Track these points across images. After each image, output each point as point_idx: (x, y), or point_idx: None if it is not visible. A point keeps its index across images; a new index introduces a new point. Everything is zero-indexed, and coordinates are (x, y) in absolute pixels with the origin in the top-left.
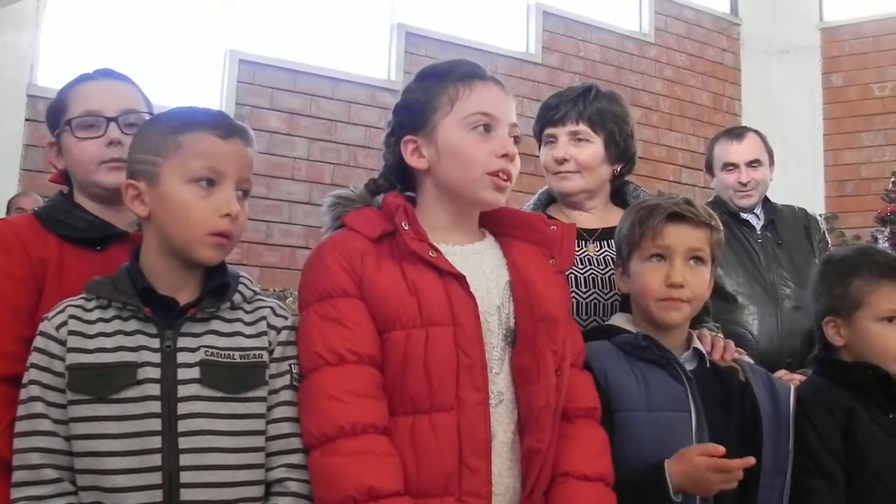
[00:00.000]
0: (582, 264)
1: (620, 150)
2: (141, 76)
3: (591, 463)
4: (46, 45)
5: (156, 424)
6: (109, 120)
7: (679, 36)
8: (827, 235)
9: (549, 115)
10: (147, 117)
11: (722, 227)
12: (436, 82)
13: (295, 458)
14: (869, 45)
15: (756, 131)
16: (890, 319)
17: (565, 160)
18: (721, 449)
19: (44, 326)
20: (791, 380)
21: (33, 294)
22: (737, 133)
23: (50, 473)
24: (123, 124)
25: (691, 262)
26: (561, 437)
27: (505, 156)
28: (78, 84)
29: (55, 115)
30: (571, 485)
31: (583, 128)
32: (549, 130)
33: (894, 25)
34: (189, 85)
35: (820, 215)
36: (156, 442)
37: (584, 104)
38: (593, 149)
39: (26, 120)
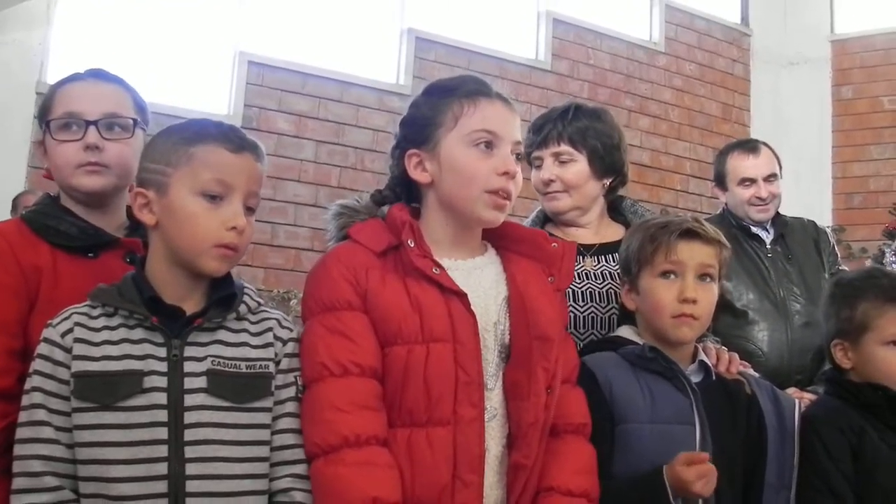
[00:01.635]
0: (580, 279)
1: (607, 165)
2: (150, 76)
3: (577, 479)
4: (56, 43)
5: (162, 433)
6: (89, 123)
7: (689, 45)
8: (836, 249)
9: (534, 139)
10: (132, 122)
11: (729, 246)
12: (441, 98)
13: (300, 469)
14: (880, 57)
15: (766, 144)
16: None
17: (551, 181)
18: (704, 456)
19: (48, 333)
20: (801, 398)
21: (23, 304)
22: (751, 147)
23: (51, 481)
24: (104, 128)
25: (701, 278)
26: (548, 451)
27: (506, 174)
28: (65, 84)
29: (41, 114)
30: (556, 500)
31: (564, 148)
32: (535, 153)
33: None
34: (198, 86)
35: (827, 227)
36: (162, 451)
37: (564, 124)
38: (578, 167)
39: (35, 117)
